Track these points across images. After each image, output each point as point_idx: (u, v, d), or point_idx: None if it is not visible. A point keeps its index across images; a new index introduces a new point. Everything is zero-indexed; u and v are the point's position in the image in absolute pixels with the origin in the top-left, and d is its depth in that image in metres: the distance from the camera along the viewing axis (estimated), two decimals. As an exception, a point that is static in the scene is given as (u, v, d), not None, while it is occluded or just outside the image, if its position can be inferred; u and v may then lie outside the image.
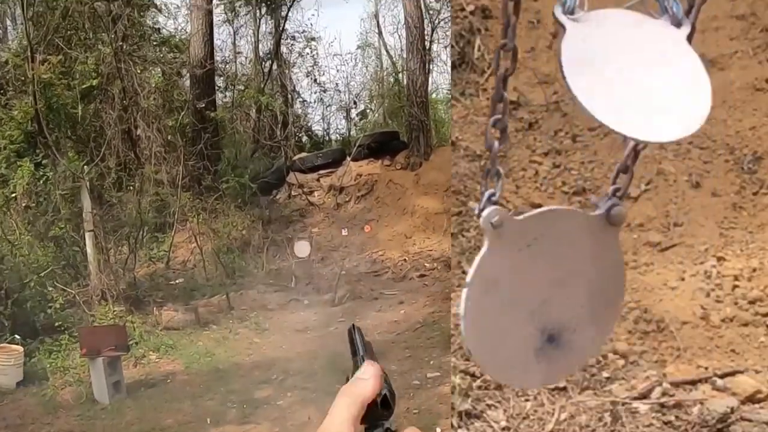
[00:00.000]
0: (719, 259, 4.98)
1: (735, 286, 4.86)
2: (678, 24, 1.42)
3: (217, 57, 21.99)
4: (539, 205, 4.87)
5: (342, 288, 14.34)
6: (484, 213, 1.40)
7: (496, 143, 1.44)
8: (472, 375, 4.51)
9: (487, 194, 1.42)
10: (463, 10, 5.34)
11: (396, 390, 1.21)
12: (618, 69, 1.38)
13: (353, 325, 1.42)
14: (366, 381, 1.18)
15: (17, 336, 11.12)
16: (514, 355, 1.49)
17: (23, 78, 13.52)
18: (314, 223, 18.61)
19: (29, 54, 12.77)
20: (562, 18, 1.37)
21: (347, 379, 1.24)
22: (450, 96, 23.88)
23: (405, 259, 16.09)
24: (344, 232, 17.88)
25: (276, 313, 13.56)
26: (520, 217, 1.41)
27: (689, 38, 1.42)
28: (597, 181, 5.19)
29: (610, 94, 1.36)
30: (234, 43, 24.38)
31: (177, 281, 15.56)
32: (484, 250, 1.40)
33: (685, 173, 5.23)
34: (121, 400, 9.78)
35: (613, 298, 1.56)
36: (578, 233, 1.49)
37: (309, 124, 25.69)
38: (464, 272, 4.79)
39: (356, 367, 1.27)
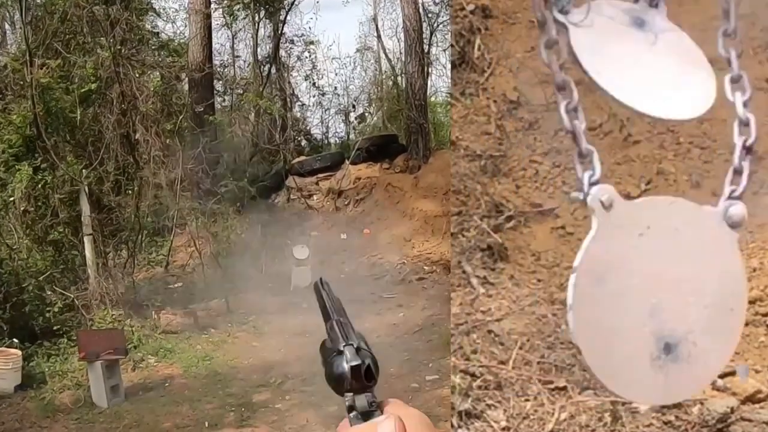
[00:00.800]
0: None
1: None
2: (655, 4, 1.42)
3: (216, 61, 22.07)
4: (539, 205, 4.85)
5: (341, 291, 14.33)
6: (593, 190, 1.36)
7: (576, 122, 1.46)
8: (472, 375, 4.49)
9: (586, 176, 1.40)
10: (463, 9, 5.33)
11: (395, 392, 1.19)
12: (628, 55, 1.37)
13: (320, 279, 1.40)
14: None
15: (15, 340, 11.11)
16: (628, 362, 1.42)
17: (22, 82, 13.51)
18: (313, 227, 18.63)
19: (28, 58, 12.77)
20: (561, 18, 1.37)
21: (322, 345, 1.24)
22: (449, 99, 23.95)
23: (404, 262, 16.11)
24: (343, 236, 17.90)
25: (275, 316, 13.56)
26: (632, 202, 1.38)
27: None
28: None
29: (625, 77, 1.36)
30: (232, 47, 24.48)
31: (176, 285, 15.57)
32: (592, 233, 1.37)
33: (685, 173, 5.21)
34: (120, 404, 9.78)
35: (734, 308, 1.49)
36: (695, 229, 1.44)
37: (308, 128, 25.77)
38: (464, 272, 4.78)
39: (332, 332, 1.26)
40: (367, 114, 26.61)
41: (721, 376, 4.54)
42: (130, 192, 14.79)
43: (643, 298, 1.38)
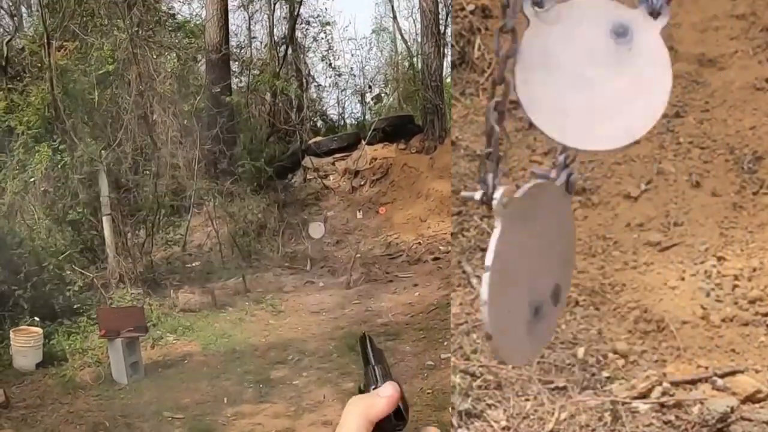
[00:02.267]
0: (719, 258, 4.96)
1: (735, 286, 4.82)
2: (656, 14, 1.46)
3: (232, 42, 22.05)
4: None
5: (357, 271, 14.43)
6: (496, 194, 1.40)
7: (496, 126, 1.46)
8: (472, 375, 4.52)
9: (490, 177, 1.43)
10: (463, 9, 5.35)
11: (411, 369, 1.24)
12: (572, 72, 1.41)
13: (364, 333, 1.43)
14: (382, 399, 1.15)
15: (36, 318, 11.23)
16: (516, 334, 1.50)
17: (40, 64, 13.59)
18: (329, 207, 18.68)
19: (45, 40, 12.85)
20: (529, 11, 1.41)
21: (359, 390, 1.23)
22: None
23: (419, 242, 16.13)
24: (359, 216, 17.95)
25: (291, 295, 13.66)
26: (518, 194, 1.43)
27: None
28: (597, 181, 5.20)
29: (556, 100, 1.41)
30: (249, 28, 24.40)
31: (193, 264, 15.66)
32: (497, 232, 1.41)
33: (685, 173, 5.23)
34: (139, 381, 9.89)
35: (569, 261, 1.62)
36: (552, 205, 1.52)
37: (324, 109, 25.75)
38: (464, 272, 4.83)
39: (367, 376, 1.25)
40: (383, 95, 26.57)
41: (721, 376, 4.57)
42: (148, 172, 14.88)
43: (527, 275, 1.48)
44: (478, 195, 1.44)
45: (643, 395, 4.48)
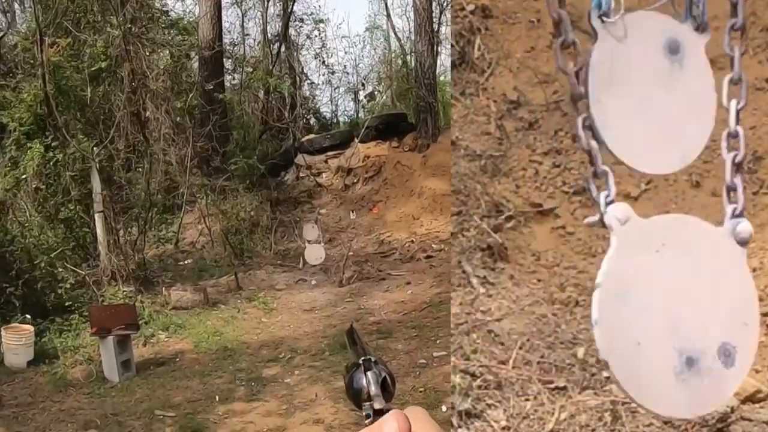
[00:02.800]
0: None
1: None
2: (702, 29, 1.44)
3: (226, 39, 22.08)
4: (539, 205, 4.88)
5: (349, 269, 14.43)
6: (610, 209, 1.39)
7: (593, 142, 1.45)
8: (472, 375, 4.50)
9: (602, 196, 1.42)
10: (463, 9, 5.32)
11: (403, 367, 1.25)
12: (638, 92, 1.39)
13: (351, 326, 1.43)
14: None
15: (28, 316, 11.21)
16: (653, 375, 1.44)
17: (32, 61, 13.57)
18: (322, 205, 18.71)
19: (38, 37, 12.81)
20: (597, 23, 1.39)
21: (346, 369, 1.25)
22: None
23: (412, 240, 16.15)
24: (352, 214, 17.96)
25: (284, 293, 13.67)
26: (646, 219, 1.41)
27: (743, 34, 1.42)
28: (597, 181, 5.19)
29: (624, 122, 1.39)
30: (242, 26, 24.48)
31: (186, 262, 15.68)
32: (611, 250, 1.40)
33: (685, 173, 5.20)
34: (131, 379, 9.87)
35: (748, 323, 1.51)
36: (707, 246, 1.47)
37: (317, 106, 25.80)
38: (464, 272, 4.81)
39: (353, 355, 1.29)
40: (376, 92, 26.61)
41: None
42: (140, 169, 14.87)
43: (664, 313, 1.42)
44: (596, 217, 1.41)
45: None
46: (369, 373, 1.22)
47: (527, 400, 4.44)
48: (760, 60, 5.51)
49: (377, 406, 1.19)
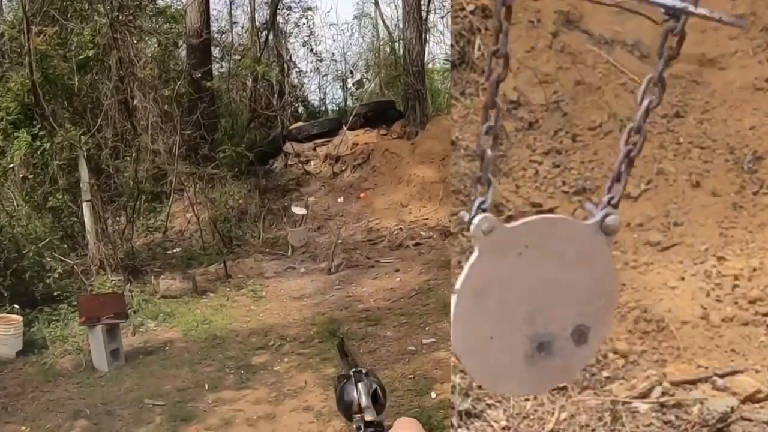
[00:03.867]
0: (719, 258, 4.91)
1: (735, 286, 4.79)
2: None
3: (214, 27, 22.01)
4: (539, 205, 4.87)
5: (338, 256, 14.45)
6: (475, 221, 1.42)
7: (489, 151, 1.48)
8: None
9: (477, 202, 1.46)
10: (463, 9, 5.31)
11: (392, 354, 1.25)
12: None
13: (342, 338, 1.46)
14: None
15: (16, 306, 11.19)
16: (502, 362, 1.50)
17: (19, 50, 13.50)
18: (311, 192, 18.70)
19: (25, 26, 12.75)
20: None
21: (337, 380, 1.27)
22: (446, 65, 23.89)
23: (401, 228, 16.17)
24: (340, 201, 17.96)
25: (272, 281, 13.68)
26: (511, 225, 1.45)
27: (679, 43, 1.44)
28: (597, 181, 5.16)
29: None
30: (230, 13, 24.42)
31: (174, 250, 15.66)
32: (473, 257, 1.43)
33: (685, 173, 5.19)
34: (120, 368, 9.88)
35: (605, 305, 1.57)
36: (571, 241, 1.50)
37: (305, 94, 25.73)
38: None
39: (344, 367, 1.32)
40: (364, 80, 26.57)
41: (721, 376, 4.56)
42: (128, 158, 14.83)
43: (519, 308, 1.48)
44: (466, 218, 1.45)
45: (643, 395, 4.45)
46: (360, 385, 1.21)
47: (527, 400, 4.44)
48: (760, 60, 5.51)
49: (368, 418, 1.19)
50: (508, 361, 1.50)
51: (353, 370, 1.25)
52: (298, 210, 15.61)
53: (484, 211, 1.45)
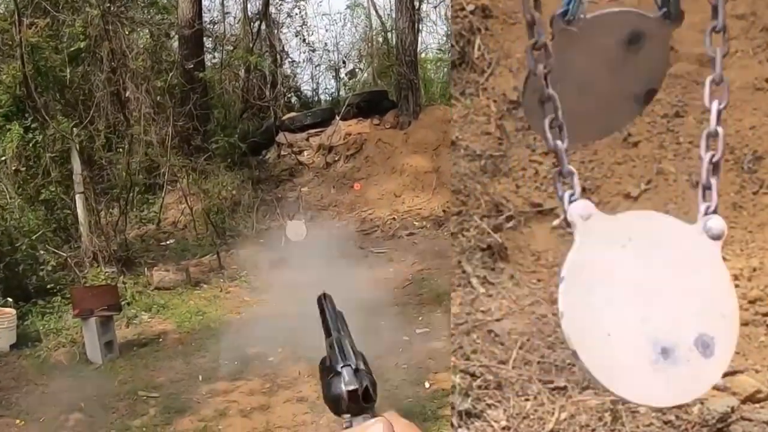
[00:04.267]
0: None
1: (735, 286, 4.82)
2: (674, 17, 1.46)
3: (206, 17, 21.91)
4: (539, 205, 4.88)
5: (332, 246, 14.44)
6: (572, 205, 1.42)
7: (559, 142, 1.48)
8: (472, 375, 4.49)
9: (567, 195, 1.46)
10: (463, 9, 5.31)
11: (386, 345, 1.24)
12: (580, 79, 1.41)
13: (323, 293, 1.45)
14: None
15: (9, 299, 11.18)
16: (627, 365, 1.45)
17: (11, 42, 13.46)
18: (303, 183, 18.67)
19: (16, 18, 12.72)
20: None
21: (322, 363, 1.25)
22: (439, 55, 23.86)
23: (394, 218, 16.17)
24: (333, 191, 17.95)
25: (266, 271, 13.66)
26: (611, 214, 1.44)
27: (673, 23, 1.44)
28: (597, 181, 5.17)
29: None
30: (222, 4, 24.31)
31: (168, 242, 15.65)
32: (575, 245, 1.42)
33: (685, 173, 5.19)
34: (114, 360, 9.88)
35: (725, 314, 1.52)
36: (677, 241, 1.48)
37: (298, 84, 25.66)
38: (464, 272, 4.80)
39: (327, 349, 1.28)
40: (357, 70, 26.50)
41: (722, 376, 4.57)
42: (121, 150, 14.83)
43: (632, 305, 1.44)
44: (560, 219, 1.44)
45: None
46: (351, 387, 1.19)
47: (527, 400, 4.45)
48: (760, 60, 5.50)
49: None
50: (631, 363, 1.45)
51: (341, 365, 1.23)
52: (293, 233, 15.45)
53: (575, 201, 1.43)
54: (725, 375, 4.47)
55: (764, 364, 4.55)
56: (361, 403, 1.18)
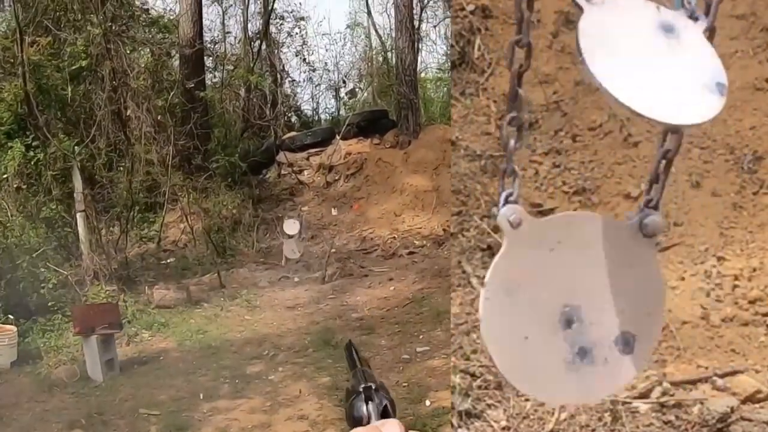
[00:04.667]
0: (719, 258, 4.90)
1: (735, 286, 4.76)
2: (694, 18, 1.45)
3: (206, 37, 22.05)
4: (539, 205, 4.88)
5: (332, 265, 14.46)
6: (502, 211, 1.40)
7: (512, 141, 1.46)
8: (472, 375, 4.49)
9: (504, 194, 1.43)
10: (463, 9, 5.32)
11: (387, 363, 1.27)
12: (635, 53, 1.39)
13: (350, 341, 1.49)
14: None
15: (11, 316, 11.18)
16: (540, 366, 1.46)
17: (12, 60, 13.50)
18: (304, 202, 18.71)
19: (18, 36, 12.75)
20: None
21: (347, 393, 1.28)
22: (439, 74, 23.93)
23: (394, 237, 16.20)
24: (334, 211, 17.98)
25: (266, 290, 13.68)
26: (542, 219, 1.43)
27: (711, 36, 1.43)
28: (597, 181, 5.17)
29: (631, 78, 1.35)
30: (223, 23, 24.45)
31: (168, 260, 15.66)
32: (502, 250, 1.41)
33: (685, 173, 5.19)
34: (115, 378, 9.87)
35: (651, 312, 1.52)
36: (608, 241, 1.46)
37: (298, 104, 25.78)
38: (464, 272, 4.80)
39: (356, 378, 1.32)
40: (357, 89, 26.60)
41: (721, 376, 4.57)
42: (122, 168, 14.84)
43: (554, 307, 1.44)
44: (495, 211, 1.44)
45: (643, 395, 4.46)
46: (371, 404, 1.23)
47: (527, 400, 4.44)
48: (760, 60, 5.52)
49: None
50: (546, 365, 1.46)
51: (363, 386, 1.27)
52: (290, 228, 15.51)
53: (511, 203, 1.43)
54: (725, 375, 4.49)
55: (764, 364, 4.54)
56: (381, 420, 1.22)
